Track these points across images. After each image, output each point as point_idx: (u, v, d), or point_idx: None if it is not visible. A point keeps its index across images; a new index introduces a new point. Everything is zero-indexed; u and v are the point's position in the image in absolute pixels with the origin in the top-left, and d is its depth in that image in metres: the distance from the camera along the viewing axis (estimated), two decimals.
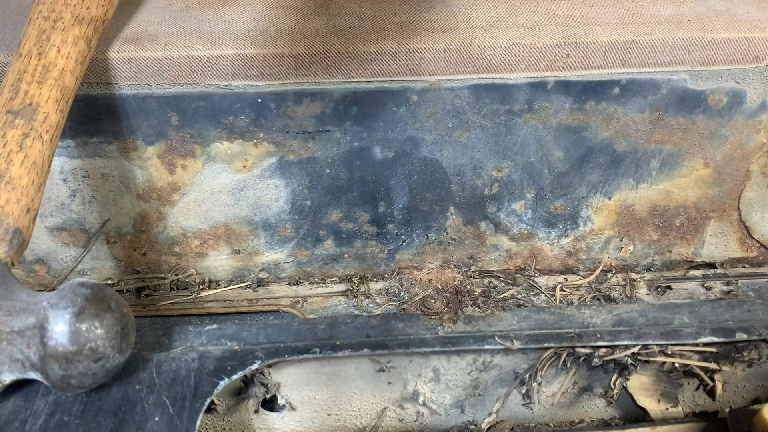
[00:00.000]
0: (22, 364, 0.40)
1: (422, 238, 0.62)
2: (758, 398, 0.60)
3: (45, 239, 0.58)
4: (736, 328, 0.54)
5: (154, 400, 0.46)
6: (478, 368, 0.57)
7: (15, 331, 0.39)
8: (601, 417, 0.60)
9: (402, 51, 0.51)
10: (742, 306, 0.56)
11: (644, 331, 0.54)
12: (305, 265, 0.62)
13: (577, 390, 0.59)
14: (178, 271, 0.61)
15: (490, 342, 0.53)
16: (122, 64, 0.50)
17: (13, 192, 0.41)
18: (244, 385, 0.56)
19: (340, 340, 0.52)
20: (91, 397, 0.45)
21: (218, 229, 0.59)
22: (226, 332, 0.52)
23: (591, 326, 0.54)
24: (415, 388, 0.58)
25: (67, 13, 0.47)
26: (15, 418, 0.44)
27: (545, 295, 0.60)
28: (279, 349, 0.51)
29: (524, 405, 0.59)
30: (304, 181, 0.57)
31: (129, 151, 0.55)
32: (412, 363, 0.57)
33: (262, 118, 0.54)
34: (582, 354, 0.54)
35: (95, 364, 0.40)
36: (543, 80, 0.53)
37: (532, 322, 0.55)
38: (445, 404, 0.59)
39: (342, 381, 0.57)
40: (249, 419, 0.57)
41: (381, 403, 0.59)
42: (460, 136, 0.56)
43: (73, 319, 0.39)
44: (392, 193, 0.59)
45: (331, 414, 0.59)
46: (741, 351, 0.56)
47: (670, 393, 0.59)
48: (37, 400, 0.45)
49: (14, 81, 0.44)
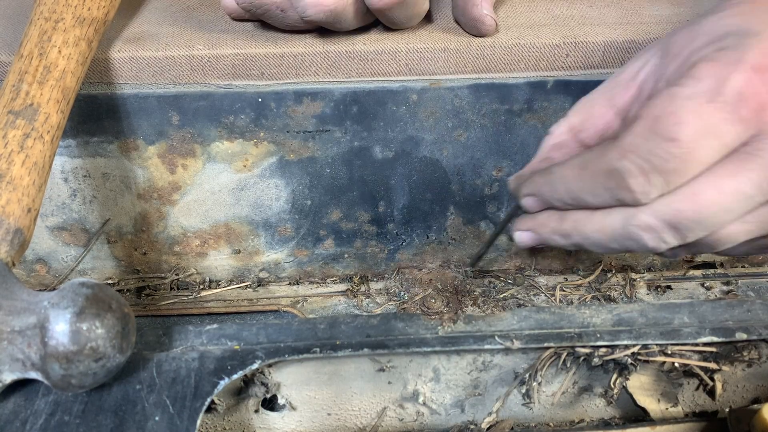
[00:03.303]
0: (23, 364, 0.40)
1: (422, 238, 0.62)
2: (758, 398, 0.60)
3: (46, 239, 0.59)
4: (736, 328, 0.54)
5: (154, 399, 0.46)
6: (478, 368, 0.57)
7: (16, 330, 0.39)
8: (601, 417, 0.60)
9: (402, 50, 0.51)
10: (742, 306, 0.56)
11: (644, 331, 0.54)
12: (305, 264, 0.62)
13: (577, 390, 0.59)
14: (178, 271, 0.61)
15: (490, 342, 0.53)
16: (123, 63, 0.51)
17: (14, 192, 0.41)
18: (244, 385, 0.56)
19: (340, 339, 0.53)
20: (91, 396, 0.45)
21: (218, 229, 0.59)
22: (227, 332, 0.52)
23: (591, 326, 0.54)
24: (415, 388, 0.58)
25: (68, 14, 0.47)
26: (15, 418, 0.44)
27: (545, 295, 0.60)
28: (279, 348, 0.51)
29: (524, 405, 0.59)
30: (304, 181, 0.57)
31: (130, 151, 0.55)
32: (412, 363, 0.57)
33: (263, 117, 0.54)
34: (582, 354, 0.54)
35: (96, 364, 0.40)
36: (542, 80, 0.53)
37: (532, 322, 0.55)
38: (445, 404, 0.59)
39: (342, 381, 0.57)
40: (249, 419, 0.57)
41: (381, 402, 0.59)
42: (459, 136, 0.56)
43: (74, 319, 0.39)
44: (392, 192, 0.59)
45: (331, 414, 0.59)
46: (741, 351, 0.56)
47: (670, 393, 0.59)
48: (38, 400, 0.45)
49: (15, 82, 0.44)
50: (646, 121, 0.37)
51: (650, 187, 0.37)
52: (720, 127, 0.35)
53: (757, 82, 0.35)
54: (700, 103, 0.35)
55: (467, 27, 0.52)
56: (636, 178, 0.37)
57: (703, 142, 0.35)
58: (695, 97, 0.35)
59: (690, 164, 0.36)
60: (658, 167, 0.36)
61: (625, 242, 0.40)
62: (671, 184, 0.37)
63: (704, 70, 0.36)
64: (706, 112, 0.35)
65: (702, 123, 0.35)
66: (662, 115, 0.36)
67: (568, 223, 0.43)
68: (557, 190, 0.42)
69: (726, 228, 0.38)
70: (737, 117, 0.35)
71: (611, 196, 0.39)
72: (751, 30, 0.37)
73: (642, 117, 0.37)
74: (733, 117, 0.35)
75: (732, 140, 0.35)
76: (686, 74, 0.37)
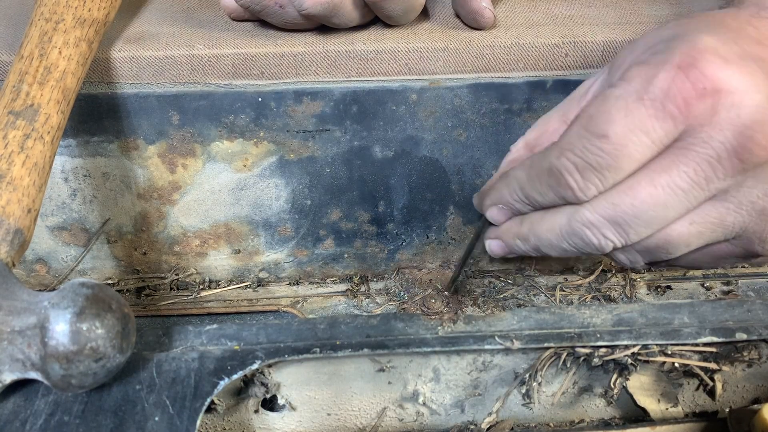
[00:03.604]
0: (23, 364, 0.40)
1: (422, 238, 0.62)
2: (758, 398, 0.59)
3: (46, 239, 0.59)
4: (736, 328, 0.54)
5: (154, 399, 0.46)
6: (478, 368, 0.57)
7: (16, 330, 0.39)
8: (601, 417, 0.60)
9: (401, 50, 0.51)
10: (742, 306, 0.56)
11: (644, 331, 0.54)
12: (305, 264, 0.62)
13: (577, 390, 0.59)
14: (178, 271, 0.61)
15: (490, 342, 0.53)
16: (123, 63, 0.51)
17: (14, 193, 0.41)
18: (244, 385, 0.56)
19: (340, 340, 0.52)
20: (91, 397, 0.45)
21: (218, 229, 0.59)
22: (226, 332, 0.52)
23: (591, 326, 0.54)
24: (415, 388, 0.58)
25: (69, 15, 0.47)
26: (15, 418, 0.44)
27: (545, 295, 0.60)
28: (279, 349, 0.51)
29: (524, 405, 0.59)
30: (304, 181, 0.57)
31: (130, 150, 0.55)
32: (412, 363, 0.57)
33: (263, 117, 0.54)
34: (582, 354, 0.54)
35: (96, 364, 0.40)
36: (542, 79, 0.53)
37: (532, 322, 0.55)
38: (445, 404, 0.59)
39: (342, 381, 0.57)
40: (249, 419, 0.57)
41: (381, 403, 0.59)
42: (459, 135, 0.56)
43: (74, 319, 0.39)
44: (392, 192, 0.59)
45: (331, 414, 0.59)
46: (741, 351, 0.56)
47: (670, 393, 0.59)
48: (37, 400, 0.45)
49: (16, 82, 0.44)
50: (581, 120, 0.38)
51: (587, 184, 0.38)
52: (648, 123, 0.36)
53: (682, 79, 0.36)
54: (629, 102, 0.36)
55: (466, 20, 0.52)
56: (573, 175, 0.38)
57: (633, 138, 0.36)
58: (624, 96, 0.37)
59: (622, 160, 0.37)
60: (592, 164, 0.37)
61: (572, 240, 0.42)
62: (608, 180, 0.38)
63: (634, 72, 0.37)
64: (634, 110, 0.36)
65: (630, 120, 0.36)
66: (595, 114, 0.37)
67: (526, 225, 0.44)
68: (514, 191, 0.44)
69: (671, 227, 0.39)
70: (664, 113, 0.36)
71: (555, 194, 0.40)
72: (679, 35, 0.38)
73: (578, 117, 0.39)
74: (660, 113, 0.36)
75: (661, 136, 0.36)
76: (620, 77, 0.38)
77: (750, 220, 0.38)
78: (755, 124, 0.35)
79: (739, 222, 0.38)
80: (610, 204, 0.38)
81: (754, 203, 0.37)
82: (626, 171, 0.37)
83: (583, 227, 0.40)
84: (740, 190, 0.37)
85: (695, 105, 0.35)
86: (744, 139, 0.35)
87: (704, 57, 0.35)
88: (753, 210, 0.38)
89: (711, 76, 0.35)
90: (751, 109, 0.35)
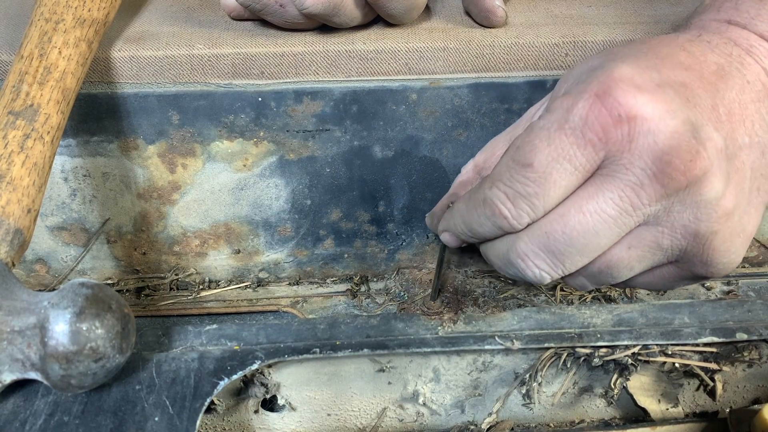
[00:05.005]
0: (23, 364, 0.40)
1: (422, 238, 0.62)
2: (758, 398, 0.59)
3: (45, 239, 0.59)
4: (737, 328, 0.54)
5: (153, 400, 0.46)
6: (478, 368, 0.57)
7: (15, 330, 0.39)
8: (601, 417, 0.60)
9: (401, 49, 0.51)
10: (743, 306, 0.56)
11: (644, 331, 0.54)
12: (305, 264, 0.62)
13: (577, 390, 0.59)
14: (178, 271, 0.61)
15: (490, 342, 0.53)
16: (123, 62, 0.51)
17: (14, 193, 0.41)
18: (244, 385, 0.56)
19: (340, 340, 0.52)
20: (91, 397, 0.45)
21: (218, 229, 0.59)
22: (226, 332, 0.52)
23: (591, 326, 0.54)
24: (415, 388, 0.58)
25: (69, 15, 0.47)
26: (15, 418, 0.44)
27: (545, 295, 0.60)
28: (279, 349, 0.51)
29: (524, 405, 0.59)
30: (304, 181, 0.57)
31: (130, 150, 0.55)
32: (412, 363, 0.57)
33: (263, 116, 0.54)
34: (582, 354, 0.54)
35: (95, 364, 0.40)
36: (542, 79, 0.53)
37: (533, 322, 0.55)
38: (445, 404, 0.59)
39: (342, 381, 0.57)
40: (249, 419, 0.57)
41: (381, 403, 0.59)
42: (459, 135, 0.56)
43: (74, 319, 0.39)
44: (392, 192, 0.59)
45: (331, 414, 0.59)
46: (741, 351, 0.56)
47: (670, 393, 0.59)
48: (37, 400, 0.45)
49: (15, 82, 0.44)
50: (509, 151, 0.40)
51: (519, 212, 0.39)
52: (569, 150, 0.37)
53: (599, 107, 0.36)
54: (551, 131, 0.37)
55: (478, 18, 0.53)
56: (505, 204, 0.39)
57: (557, 166, 0.37)
58: (547, 126, 0.38)
59: (548, 187, 0.38)
60: (520, 192, 0.38)
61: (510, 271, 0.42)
62: (538, 208, 0.39)
63: (557, 103, 0.38)
64: (556, 138, 0.37)
65: (553, 148, 0.37)
66: (521, 145, 0.39)
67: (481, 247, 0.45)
68: (457, 224, 0.45)
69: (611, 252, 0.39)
70: (584, 140, 0.37)
71: (492, 224, 0.41)
72: (601, 65, 0.39)
73: (508, 148, 0.40)
74: (580, 141, 0.37)
75: (584, 163, 0.37)
76: (546, 108, 0.40)
77: (687, 243, 0.38)
78: (672, 149, 0.35)
79: (676, 245, 0.39)
80: (543, 233, 0.39)
81: (687, 227, 0.37)
82: (554, 198, 0.38)
83: (517, 258, 0.41)
84: (671, 215, 0.37)
85: (613, 132, 0.36)
86: (662, 164, 0.35)
87: (618, 85, 0.36)
88: (687, 233, 0.38)
89: (625, 103, 0.36)
90: (666, 135, 0.35)
